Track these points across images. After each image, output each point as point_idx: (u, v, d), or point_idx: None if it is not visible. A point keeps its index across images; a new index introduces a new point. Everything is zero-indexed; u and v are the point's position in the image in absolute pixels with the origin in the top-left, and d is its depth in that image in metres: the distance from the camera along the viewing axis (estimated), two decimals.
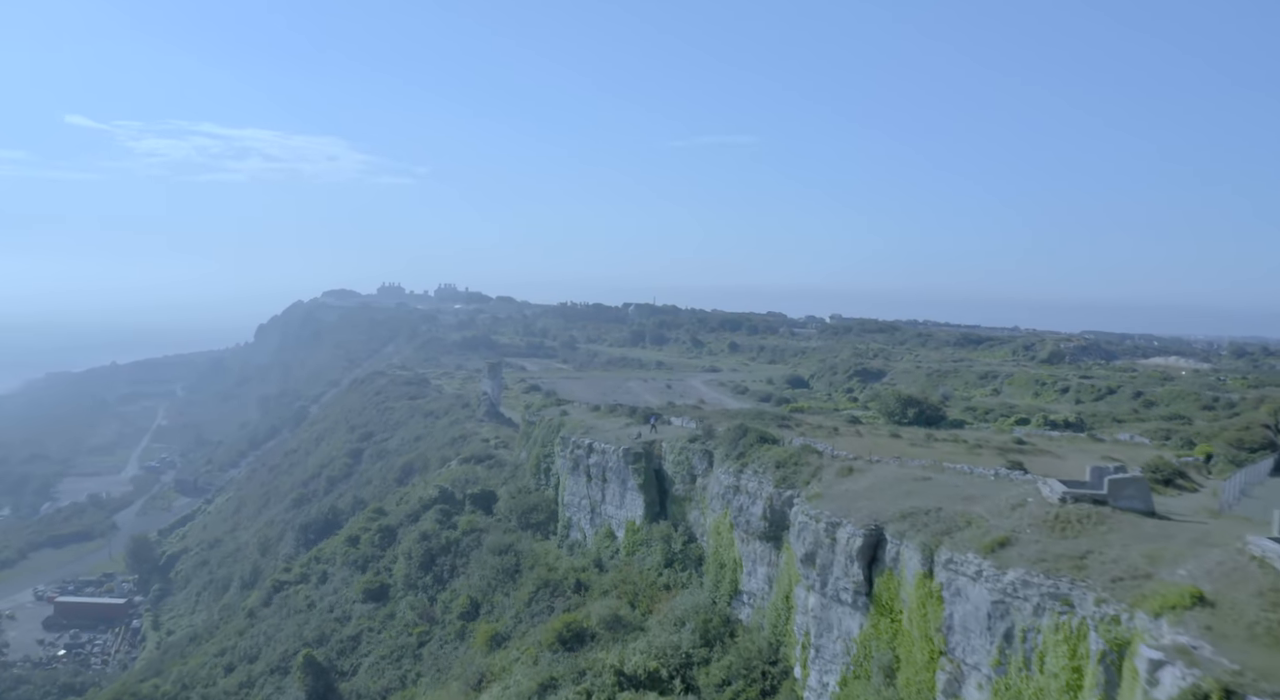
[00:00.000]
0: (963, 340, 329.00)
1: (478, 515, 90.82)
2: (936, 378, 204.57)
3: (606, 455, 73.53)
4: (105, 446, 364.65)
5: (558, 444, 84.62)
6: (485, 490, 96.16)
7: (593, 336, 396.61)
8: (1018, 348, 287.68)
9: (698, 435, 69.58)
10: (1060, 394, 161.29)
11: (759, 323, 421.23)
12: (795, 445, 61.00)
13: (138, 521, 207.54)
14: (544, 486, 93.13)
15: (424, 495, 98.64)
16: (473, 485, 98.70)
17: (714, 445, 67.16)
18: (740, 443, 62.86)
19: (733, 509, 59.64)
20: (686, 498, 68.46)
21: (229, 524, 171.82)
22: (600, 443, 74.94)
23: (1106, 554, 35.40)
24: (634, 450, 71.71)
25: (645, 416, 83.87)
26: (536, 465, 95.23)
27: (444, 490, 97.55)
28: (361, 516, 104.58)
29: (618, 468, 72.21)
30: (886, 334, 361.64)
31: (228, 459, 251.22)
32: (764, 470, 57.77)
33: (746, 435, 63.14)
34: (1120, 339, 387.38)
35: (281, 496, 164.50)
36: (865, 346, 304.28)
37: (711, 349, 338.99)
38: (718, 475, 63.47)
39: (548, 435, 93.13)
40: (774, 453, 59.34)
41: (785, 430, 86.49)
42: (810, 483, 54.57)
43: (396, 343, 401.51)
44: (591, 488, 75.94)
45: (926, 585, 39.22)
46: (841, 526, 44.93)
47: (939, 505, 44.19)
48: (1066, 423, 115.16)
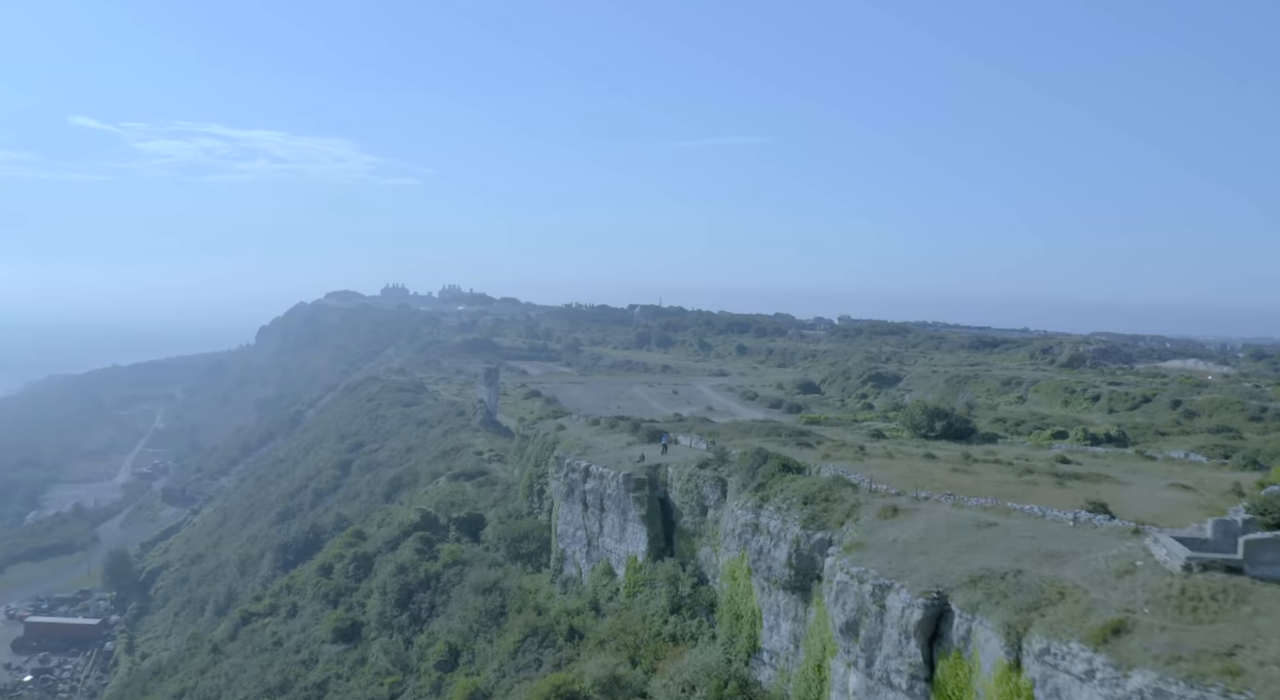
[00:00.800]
0: (977, 343, 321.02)
1: (463, 544, 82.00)
2: (956, 384, 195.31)
3: (605, 480, 64.58)
4: (99, 451, 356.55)
5: (551, 464, 75.74)
6: (472, 514, 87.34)
7: (597, 339, 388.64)
8: (1035, 351, 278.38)
9: (709, 460, 60.55)
10: (1091, 402, 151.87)
11: (767, 325, 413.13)
12: (824, 476, 51.91)
13: (122, 533, 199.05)
14: (536, 510, 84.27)
15: (405, 519, 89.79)
16: (459, 507, 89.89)
17: (728, 472, 58.16)
18: (759, 471, 53.82)
19: (751, 551, 50.61)
20: (696, 532, 59.44)
21: (212, 538, 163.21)
22: (598, 466, 66.02)
23: (1265, 650, 26.42)
24: (636, 476, 62.77)
25: (650, 433, 74.78)
26: (529, 486, 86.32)
27: (426, 514, 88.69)
28: (339, 541, 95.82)
29: (618, 495, 63.28)
30: (898, 336, 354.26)
31: (218, 466, 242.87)
32: (788, 506, 48.75)
33: (766, 462, 54.09)
34: (1132, 341, 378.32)
35: (267, 510, 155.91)
36: (877, 350, 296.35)
37: (719, 352, 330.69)
38: (732, 509, 54.45)
39: (541, 453, 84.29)
40: (800, 485, 50.29)
41: (806, 449, 77.57)
42: (845, 524, 45.59)
43: (397, 345, 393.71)
44: (588, 517, 67.01)
45: (1012, 680, 30.18)
46: (893, 591, 35.85)
47: (1016, 566, 35.15)
48: (1108, 437, 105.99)
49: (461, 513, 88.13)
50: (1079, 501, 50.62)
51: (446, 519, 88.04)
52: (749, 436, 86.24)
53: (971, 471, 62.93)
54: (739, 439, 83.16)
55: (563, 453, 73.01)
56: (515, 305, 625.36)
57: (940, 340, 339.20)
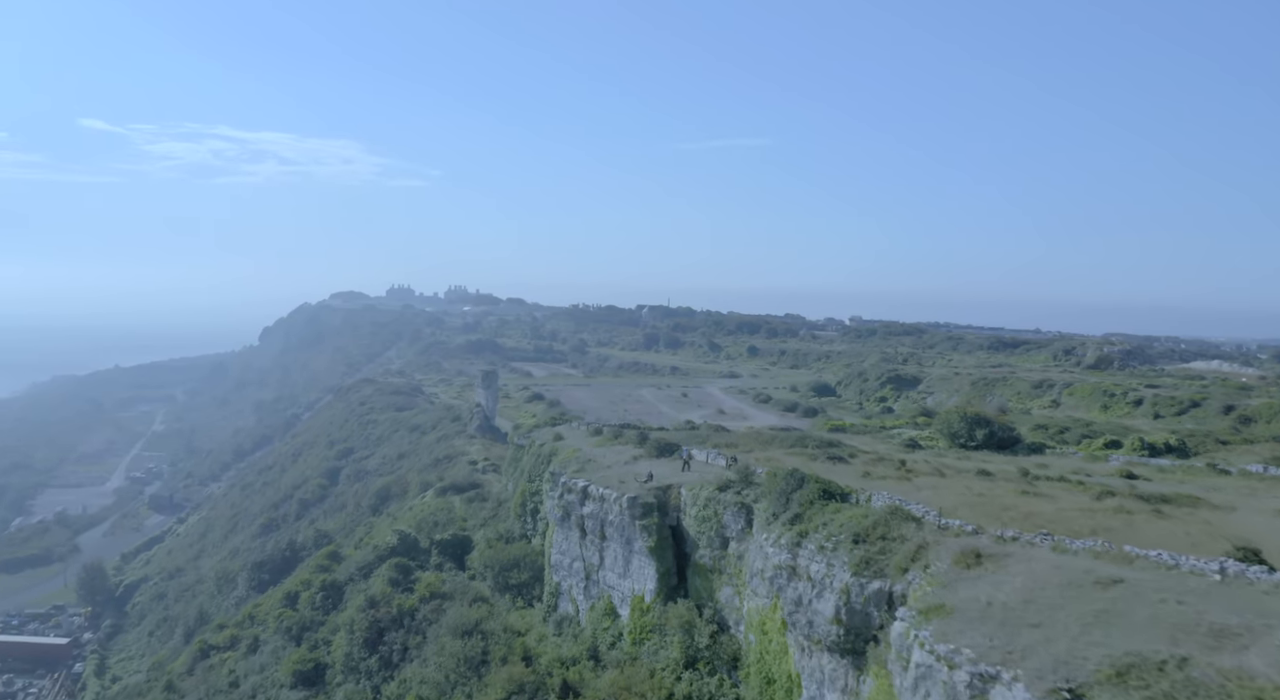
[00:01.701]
0: (995, 344, 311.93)
1: (445, 573, 71.86)
2: (982, 386, 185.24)
3: (606, 503, 54.51)
4: (94, 454, 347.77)
5: (546, 481, 65.74)
6: (458, 535, 77.27)
7: (604, 340, 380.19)
8: (1057, 352, 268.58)
9: (730, 481, 50.35)
10: (1133, 407, 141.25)
11: (778, 325, 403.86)
12: (877, 506, 41.78)
13: (104, 543, 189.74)
14: (530, 532, 74.22)
15: (381, 542, 79.59)
16: (444, 528, 79.85)
17: (754, 497, 48.08)
18: (794, 498, 43.70)
19: (786, 599, 40.53)
20: (715, 569, 49.27)
21: (194, 550, 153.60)
22: (599, 486, 55.88)
23: None
24: (643, 499, 52.66)
25: (660, 446, 64.44)
26: (522, 505, 76.22)
27: (405, 536, 78.58)
28: (309, 565, 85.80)
29: (621, 522, 53.22)
30: (913, 337, 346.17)
31: (209, 471, 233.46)
32: (834, 546, 38.64)
33: (802, 486, 43.97)
34: (1147, 342, 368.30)
35: (250, 521, 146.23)
36: (893, 351, 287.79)
37: (729, 353, 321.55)
38: (761, 543, 44.40)
39: (536, 467, 74.31)
40: (847, 518, 40.17)
41: (839, 464, 67.44)
42: (909, 571, 35.51)
43: (399, 346, 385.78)
44: (586, 546, 56.93)
45: None
46: (1001, 683, 25.69)
47: (1177, 650, 25.02)
48: (1167, 446, 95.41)
49: (446, 534, 77.99)
50: (1204, 539, 40.48)
51: (428, 541, 77.92)
52: (771, 447, 76.24)
53: (1043, 494, 52.74)
54: (760, 452, 73.11)
55: (558, 468, 62.94)
56: (521, 306, 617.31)
57: (958, 341, 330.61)
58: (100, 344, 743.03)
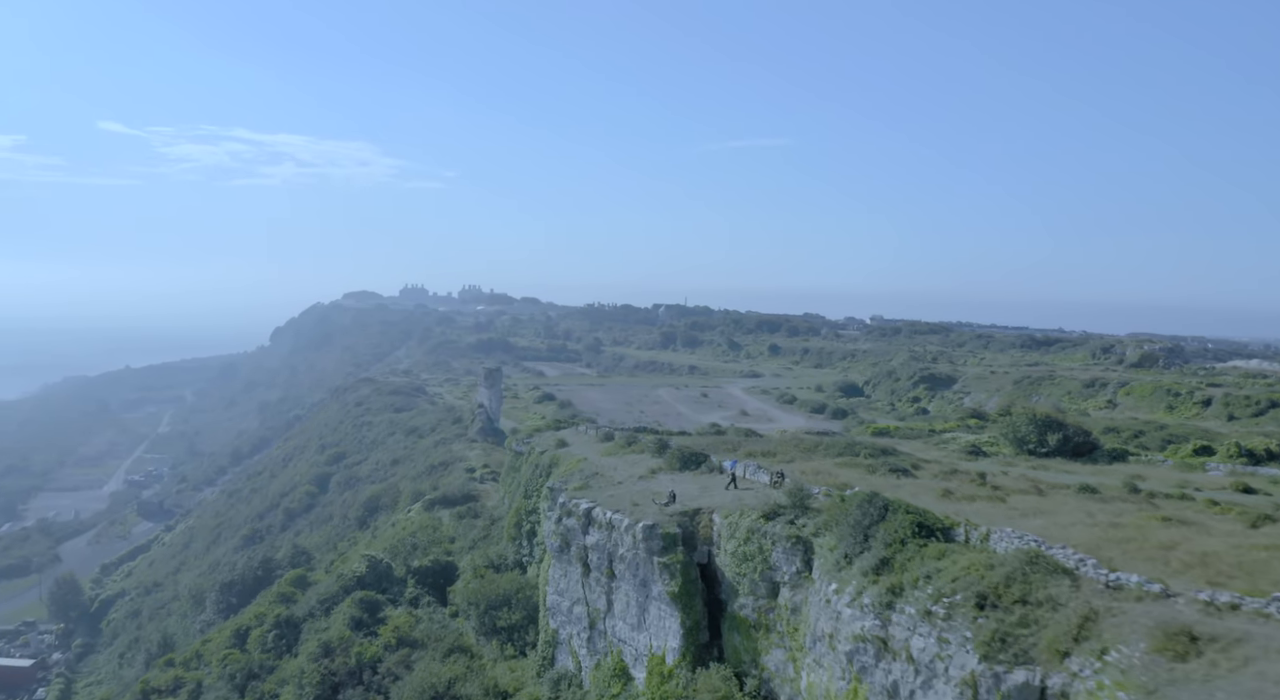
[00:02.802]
0: (1028, 342, 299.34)
1: (420, 610, 59.60)
2: (1026, 386, 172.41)
3: (616, 532, 41.98)
4: (95, 456, 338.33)
5: (543, 498, 53.37)
6: (440, 562, 64.87)
7: (619, 339, 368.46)
8: (1094, 350, 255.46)
9: (780, 506, 37.74)
10: (1201, 407, 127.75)
11: (799, 324, 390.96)
12: (1000, 549, 29.18)
13: (88, 552, 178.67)
14: (526, 559, 61.79)
15: (347, 571, 67.08)
16: (425, 551, 67.59)
17: (812, 528, 35.53)
18: (875, 533, 31.23)
19: (873, 685, 28.02)
20: (760, 624, 36.69)
21: (175, 562, 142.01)
22: (606, 509, 43.21)
23: None
24: (664, 528, 40.03)
25: (685, 457, 51.44)
26: (516, 525, 63.76)
27: (375, 564, 66.09)
28: (270, 594, 73.37)
29: (635, 558, 40.68)
30: (940, 335, 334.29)
31: (205, 476, 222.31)
32: (948, 611, 26.12)
33: (886, 517, 31.49)
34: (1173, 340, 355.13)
35: (234, 532, 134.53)
36: (921, 349, 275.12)
37: (749, 352, 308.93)
38: (827, 596, 31.91)
39: (533, 479, 62.02)
40: (962, 568, 27.62)
41: (903, 478, 54.86)
42: (1071, 655, 22.97)
43: (408, 345, 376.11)
44: (591, 586, 44.32)
45: None
46: None
47: None
48: (1268, 452, 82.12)
49: (426, 559, 65.62)
50: None
51: (404, 568, 65.59)
52: (815, 456, 63.69)
53: (1188, 521, 39.97)
54: (803, 462, 60.54)
55: (558, 483, 50.58)
56: (535, 305, 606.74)
57: (988, 339, 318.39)
58: (115, 345, 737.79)
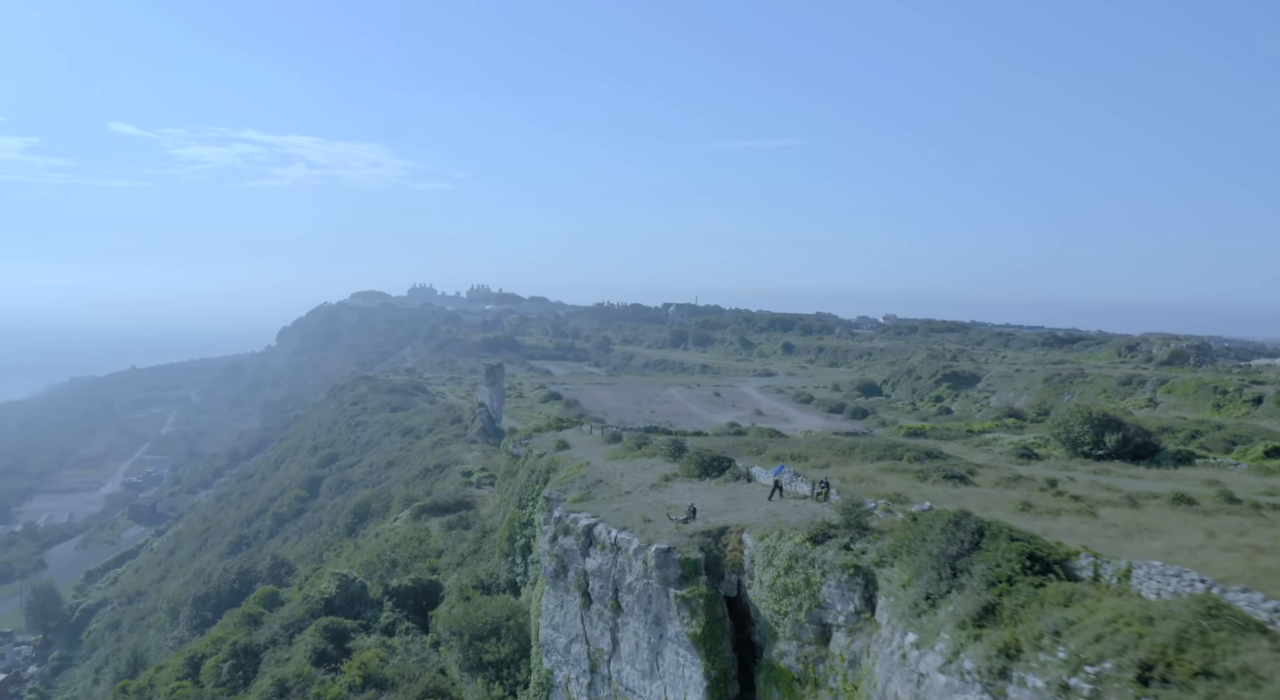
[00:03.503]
0: (1050, 340, 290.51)
1: (396, 638, 51.74)
2: (1057, 384, 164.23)
3: (623, 555, 33.85)
4: (94, 458, 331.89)
5: (538, 509, 45.36)
6: (421, 582, 56.97)
7: (629, 337, 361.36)
8: (1120, 348, 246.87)
9: (829, 526, 29.62)
10: (1252, 405, 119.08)
11: (812, 323, 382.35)
12: (1149, 593, 20.95)
13: (75, 557, 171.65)
14: (520, 578, 53.72)
15: (314, 592, 59.01)
16: (405, 569, 59.72)
17: (874, 555, 27.44)
18: (966, 567, 23.09)
19: None
20: (807, 678, 28.63)
21: (160, 569, 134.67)
22: (611, 527, 35.07)
23: None
24: (682, 552, 31.93)
25: (706, 463, 43.11)
26: (509, 538, 55.73)
27: (348, 583, 57.97)
28: (235, 616, 65.29)
29: (647, 588, 32.63)
30: (957, 334, 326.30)
31: (200, 478, 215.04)
32: (1096, 685, 17.90)
33: (982, 545, 23.40)
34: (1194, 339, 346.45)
35: (220, 538, 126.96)
36: (940, 348, 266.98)
37: (762, 350, 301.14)
38: (902, 648, 23.86)
39: (529, 486, 54.07)
40: (1104, 619, 19.40)
41: (959, 486, 46.76)
42: None
43: (413, 344, 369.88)
44: (592, 621, 36.16)
45: None
46: None
47: None
48: None
49: (406, 578, 57.67)
50: None
51: (381, 589, 57.62)
52: (852, 460, 55.64)
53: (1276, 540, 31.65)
54: (840, 466, 52.52)
55: (555, 492, 42.57)
56: (544, 304, 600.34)
57: (1008, 337, 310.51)
58: (125, 346, 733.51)
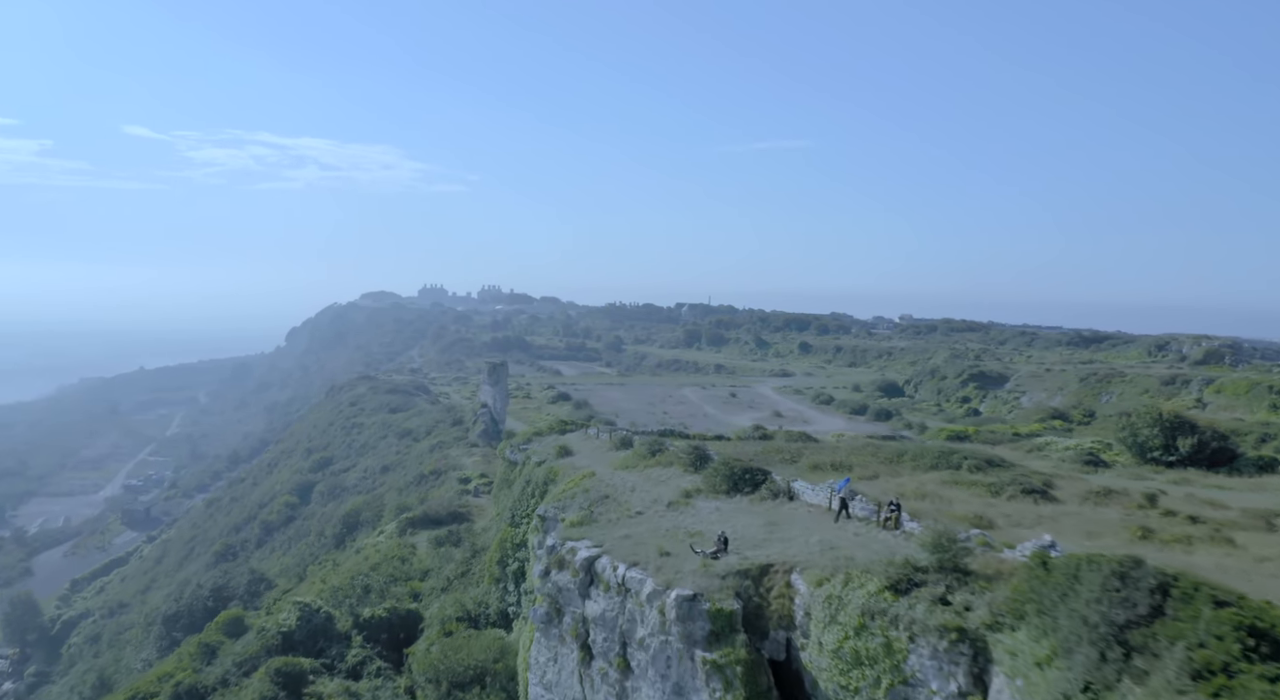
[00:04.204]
0: (1075, 340, 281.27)
1: (364, 683, 43.79)
2: (1094, 383, 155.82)
3: (634, 600, 25.74)
4: (96, 459, 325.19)
5: (532, 529, 37.24)
6: (398, 611, 48.85)
7: (641, 337, 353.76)
8: (1150, 347, 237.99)
9: (916, 569, 21.58)
10: None
11: (828, 322, 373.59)
12: None
13: (63, 564, 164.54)
14: (512, 607, 45.64)
15: (271, 624, 50.74)
16: (382, 595, 51.68)
17: (986, 614, 19.21)
18: (1151, 641, 14.76)
19: None
20: None
21: (145, 579, 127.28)
22: (619, 561, 26.97)
23: None
24: (712, 600, 23.76)
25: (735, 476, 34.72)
26: (500, 561, 47.55)
27: (309, 615, 49.62)
28: (192, 643, 57.11)
29: (665, 648, 24.60)
30: (978, 333, 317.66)
31: (197, 481, 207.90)
32: None
33: (1170, 608, 15.11)
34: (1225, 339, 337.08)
35: (207, 547, 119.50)
36: (962, 347, 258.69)
37: (778, 350, 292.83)
38: None
39: (523, 501, 46.16)
40: None
41: (1044, 502, 38.60)
42: None
43: (422, 344, 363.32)
44: (594, 682, 27.68)
45: None
46: None
47: None
48: None
49: (379, 608, 49.68)
50: None
51: (350, 621, 49.45)
52: (901, 469, 47.59)
53: None
54: (889, 477, 44.48)
55: (551, 510, 34.54)
56: (555, 304, 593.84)
57: (1031, 337, 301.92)
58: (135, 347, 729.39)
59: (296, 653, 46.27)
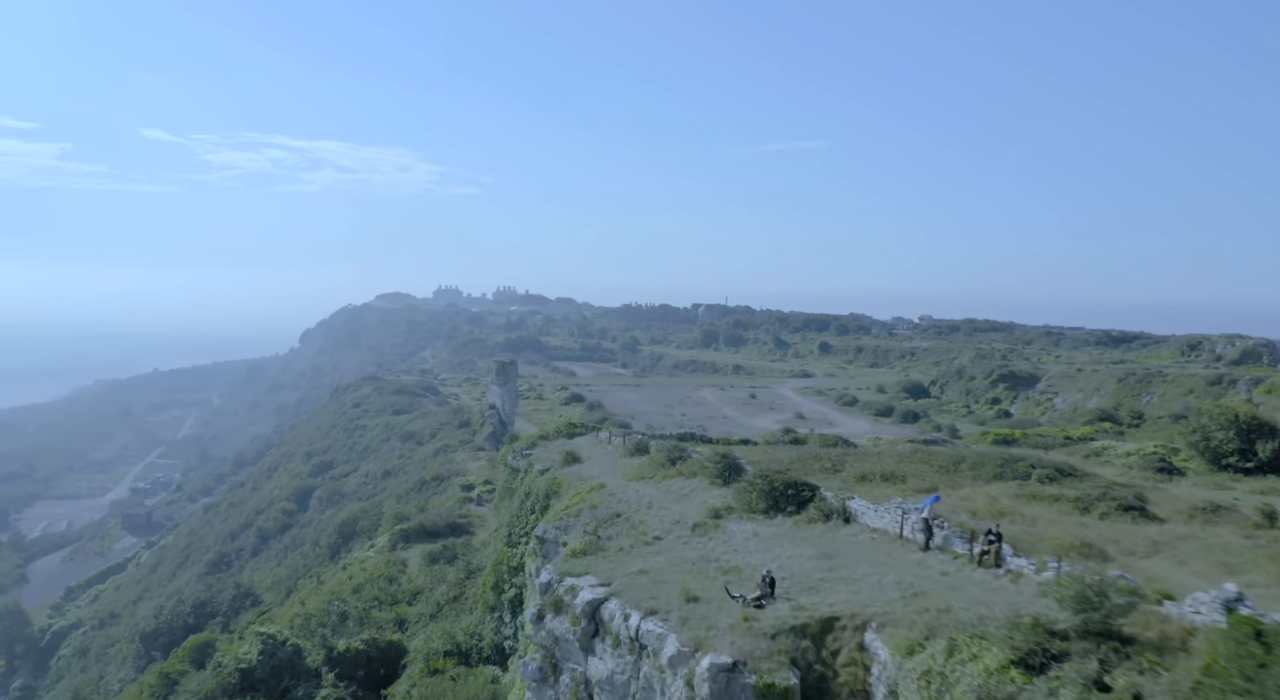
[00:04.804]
0: (1104, 340, 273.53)
1: None
2: (1133, 384, 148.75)
3: (651, 660, 19.69)
4: (105, 462, 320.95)
5: (529, 553, 30.91)
6: (375, 644, 42.13)
7: (657, 338, 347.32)
8: (1182, 347, 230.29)
9: (1053, 634, 15.21)
10: None
11: (847, 323, 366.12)
12: None
13: (61, 570, 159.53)
14: (506, 640, 39.16)
15: (229, 660, 44.15)
16: (358, 625, 45.19)
17: None
18: None
19: None
20: None
21: (138, 588, 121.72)
22: (633, 609, 20.86)
23: None
24: (760, 675, 17.70)
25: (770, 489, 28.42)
26: (495, 586, 41.11)
27: (273, 648, 42.81)
28: (153, 672, 50.99)
29: None
30: (1002, 334, 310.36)
31: (202, 485, 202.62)
32: None
33: None
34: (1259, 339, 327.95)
35: (202, 555, 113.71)
36: (988, 347, 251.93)
37: (798, 350, 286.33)
38: None
39: (520, 516, 39.90)
40: None
41: (1146, 522, 32.07)
42: None
43: (435, 345, 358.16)
44: None
45: None
46: None
47: None
48: None
49: (356, 640, 43.18)
50: None
51: (322, 655, 42.93)
52: (960, 479, 40.98)
53: None
54: (950, 488, 37.96)
55: (552, 532, 28.21)
56: (570, 305, 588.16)
57: (1058, 337, 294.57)
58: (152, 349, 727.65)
59: (257, 693, 39.89)
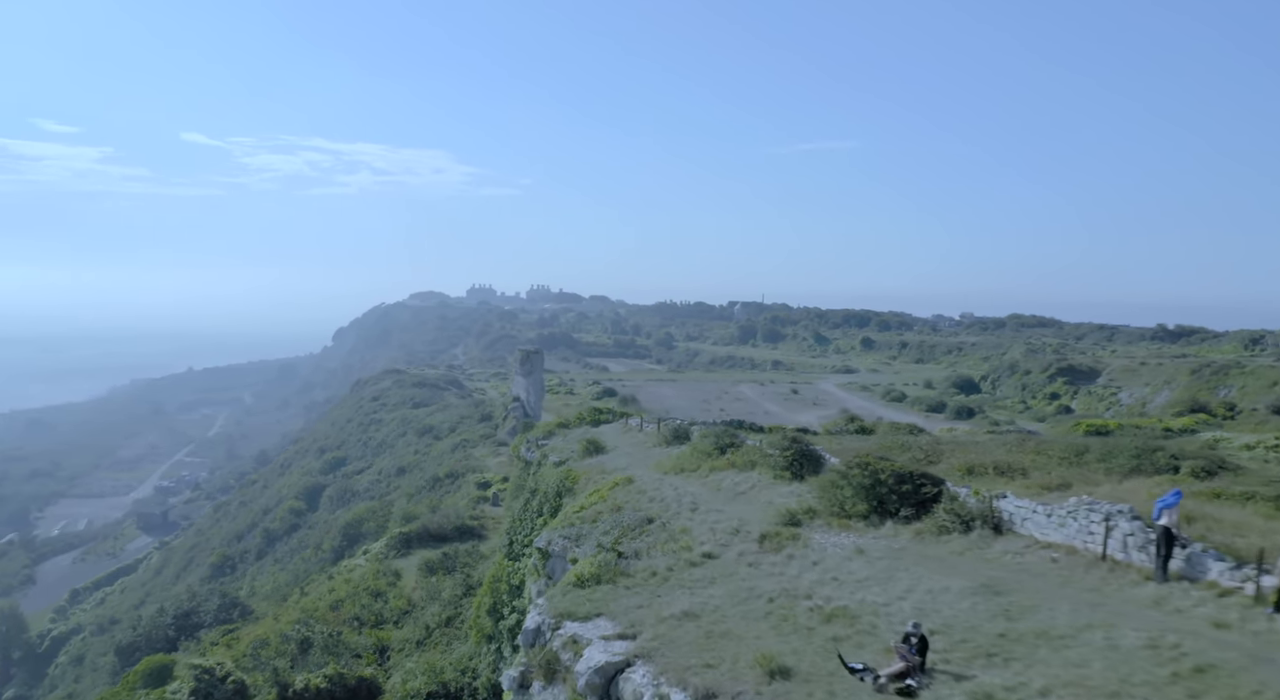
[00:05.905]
0: (1161, 334, 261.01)
1: None
2: (1208, 376, 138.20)
3: None
4: (132, 460, 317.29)
5: (529, 572, 22.50)
6: (341, 680, 32.41)
7: (693, 334, 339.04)
8: (1244, 340, 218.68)
9: None
10: None
11: (888, 319, 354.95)
12: None
13: (71, 571, 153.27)
14: (507, 684, 31.11)
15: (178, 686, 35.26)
16: (324, 653, 36.77)
17: None
18: None
19: None
20: None
21: (141, 592, 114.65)
22: (669, 686, 12.64)
23: None
24: None
25: (869, 483, 19.62)
26: (492, 609, 32.22)
27: (209, 685, 33.78)
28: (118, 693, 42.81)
29: None
30: (1051, 329, 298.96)
31: (222, 483, 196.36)
32: None
33: None
34: None
35: (207, 557, 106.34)
36: (1039, 342, 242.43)
37: (839, 346, 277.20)
38: None
39: (525, 520, 31.27)
40: None
41: None
42: None
43: (466, 342, 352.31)
44: None
45: None
46: None
47: None
48: None
49: (319, 675, 33.85)
50: None
51: (273, 692, 34.13)
52: (1088, 470, 31.75)
53: None
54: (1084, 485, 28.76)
55: (556, 541, 19.71)
56: (604, 302, 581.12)
57: (1112, 331, 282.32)
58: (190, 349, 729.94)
59: None
